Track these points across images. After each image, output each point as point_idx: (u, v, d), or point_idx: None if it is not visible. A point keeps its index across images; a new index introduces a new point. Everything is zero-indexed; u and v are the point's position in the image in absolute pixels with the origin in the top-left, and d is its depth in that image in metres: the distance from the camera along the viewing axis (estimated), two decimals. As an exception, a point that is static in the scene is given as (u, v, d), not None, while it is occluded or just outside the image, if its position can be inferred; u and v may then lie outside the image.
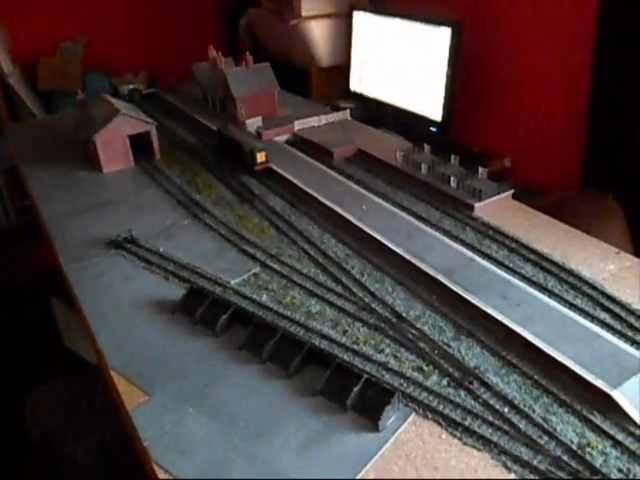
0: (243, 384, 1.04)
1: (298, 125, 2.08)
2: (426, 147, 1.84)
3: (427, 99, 2.61)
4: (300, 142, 2.01)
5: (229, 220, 1.57)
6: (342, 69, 3.09)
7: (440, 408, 0.96)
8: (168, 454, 0.92)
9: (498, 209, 1.57)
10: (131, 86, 2.59)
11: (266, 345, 1.07)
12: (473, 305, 1.16)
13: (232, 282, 1.30)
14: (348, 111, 2.23)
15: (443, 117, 2.54)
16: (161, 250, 1.43)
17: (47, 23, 3.57)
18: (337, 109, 2.30)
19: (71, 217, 1.65)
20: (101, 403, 1.40)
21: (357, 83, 3.05)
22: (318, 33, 3.05)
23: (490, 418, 0.94)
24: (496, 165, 2.63)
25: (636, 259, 1.38)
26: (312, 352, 1.05)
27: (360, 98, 3.00)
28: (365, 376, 0.98)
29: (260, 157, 1.75)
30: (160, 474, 0.89)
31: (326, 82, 3.16)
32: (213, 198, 1.70)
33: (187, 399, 1.01)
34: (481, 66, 2.69)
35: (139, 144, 1.92)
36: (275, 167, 1.77)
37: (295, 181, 1.69)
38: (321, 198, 1.59)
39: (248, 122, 2.06)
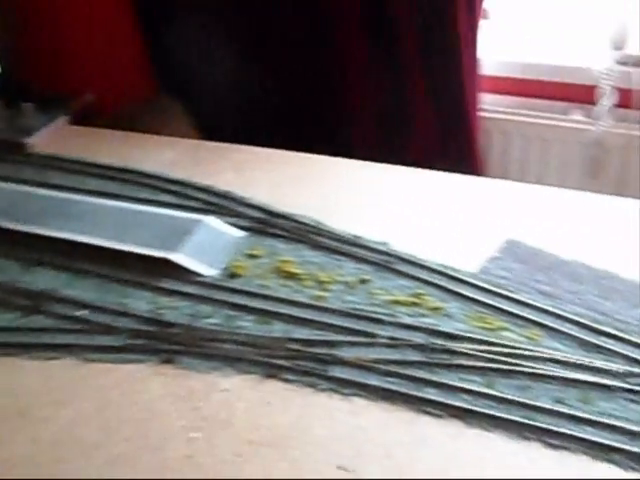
0: None
1: None
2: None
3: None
4: None
5: None
6: None
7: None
8: None
9: (55, 138, 1.54)
10: None
11: None
12: (36, 235, 1.14)
13: None
14: None
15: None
16: None
17: None
18: None
19: None
20: None
21: None
22: None
23: (68, 326, 0.96)
24: (78, 104, 2.55)
25: (190, 141, 1.52)
26: None
27: None
28: None
29: None
30: None
31: None
32: None
33: None
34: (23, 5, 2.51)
35: None
36: None
37: None
38: None
39: None
